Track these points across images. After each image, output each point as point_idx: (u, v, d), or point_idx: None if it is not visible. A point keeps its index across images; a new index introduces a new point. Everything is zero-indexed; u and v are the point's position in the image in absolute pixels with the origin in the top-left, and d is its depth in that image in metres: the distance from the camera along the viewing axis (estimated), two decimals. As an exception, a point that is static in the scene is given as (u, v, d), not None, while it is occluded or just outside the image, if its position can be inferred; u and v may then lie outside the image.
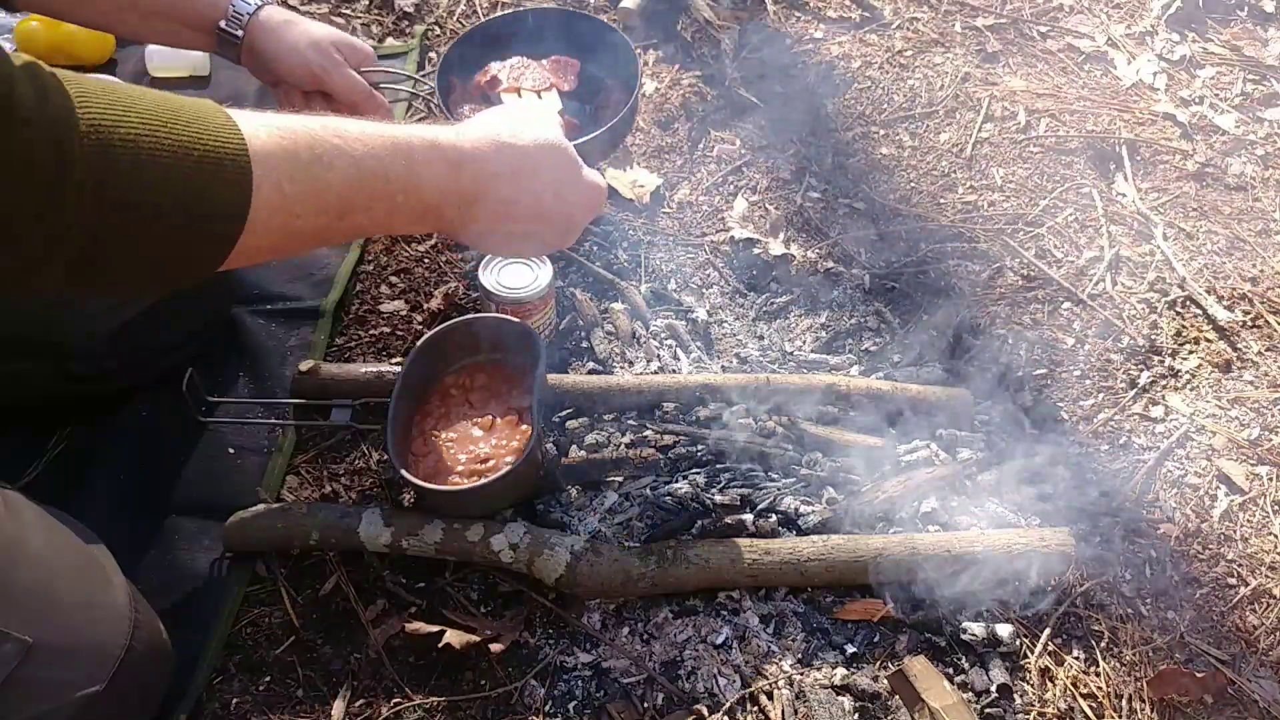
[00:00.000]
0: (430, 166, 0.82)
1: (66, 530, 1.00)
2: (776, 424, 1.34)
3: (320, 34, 1.27)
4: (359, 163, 0.76)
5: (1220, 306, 1.59)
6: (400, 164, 0.79)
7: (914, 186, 1.76)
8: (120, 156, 0.62)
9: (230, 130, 0.68)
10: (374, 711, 1.12)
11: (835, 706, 1.11)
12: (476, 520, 1.19)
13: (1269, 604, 1.27)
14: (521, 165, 0.89)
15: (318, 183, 0.73)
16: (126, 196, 0.63)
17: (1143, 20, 2.09)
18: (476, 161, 0.86)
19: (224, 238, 0.69)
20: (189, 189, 0.65)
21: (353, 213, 0.78)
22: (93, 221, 0.62)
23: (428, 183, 0.82)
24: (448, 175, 0.84)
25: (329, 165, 0.74)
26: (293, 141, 0.72)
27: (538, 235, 0.96)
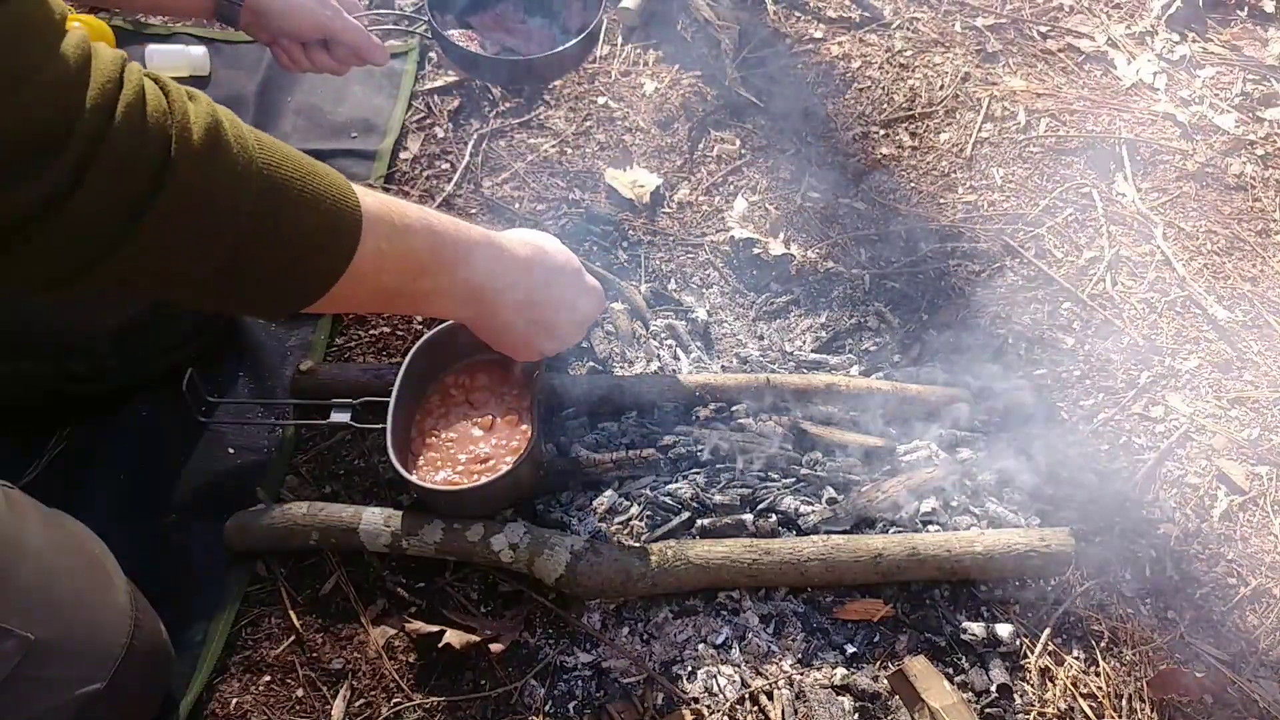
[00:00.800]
0: (482, 249, 0.98)
1: (67, 529, 1.00)
2: (776, 424, 1.34)
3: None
4: (435, 235, 0.91)
5: (1220, 306, 1.59)
6: (463, 242, 0.95)
7: (914, 186, 1.76)
8: (278, 191, 0.74)
9: (350, 190, 0.81)
10: (374, 711, 1.12)
11: (835, 706, 1.11)
12: (476, 520, 1.19)
13: (1269, 604, 1.27)
14: (547, 263, 1.07)
15: (404, 245, 0.87)
16: (277, 217, 0.74)
17: (1143, 20, 2.09)
18: (514, 255, 1.02)
19: (330, 273, 0.80)
20: (318, 229, 0.77)
21: (423, 277, 0.92)
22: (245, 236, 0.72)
23: (479, 262, 0.97)
24: (494, 259, 0.99)
25: (415, 233, 0.88)
26: (389, 209, 0.85)
27: (556, 328, 1.11)
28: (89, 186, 0.63)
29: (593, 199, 1.70)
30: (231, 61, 1.82)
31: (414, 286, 0.92)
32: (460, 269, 0.95)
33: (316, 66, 1.38)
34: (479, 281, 0.98)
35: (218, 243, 0.71)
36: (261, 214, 0.72)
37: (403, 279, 0.89)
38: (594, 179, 1.73)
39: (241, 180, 0.71)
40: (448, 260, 0.93)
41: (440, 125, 1.79)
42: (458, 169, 1.71)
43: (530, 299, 1.05)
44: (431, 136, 1.78)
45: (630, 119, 1.83)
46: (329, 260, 0.80)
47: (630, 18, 1.97)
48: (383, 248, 0.83)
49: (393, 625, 1.18)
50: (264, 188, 0.72)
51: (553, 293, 1.07)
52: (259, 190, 0.72)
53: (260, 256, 0.75)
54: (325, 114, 1.77)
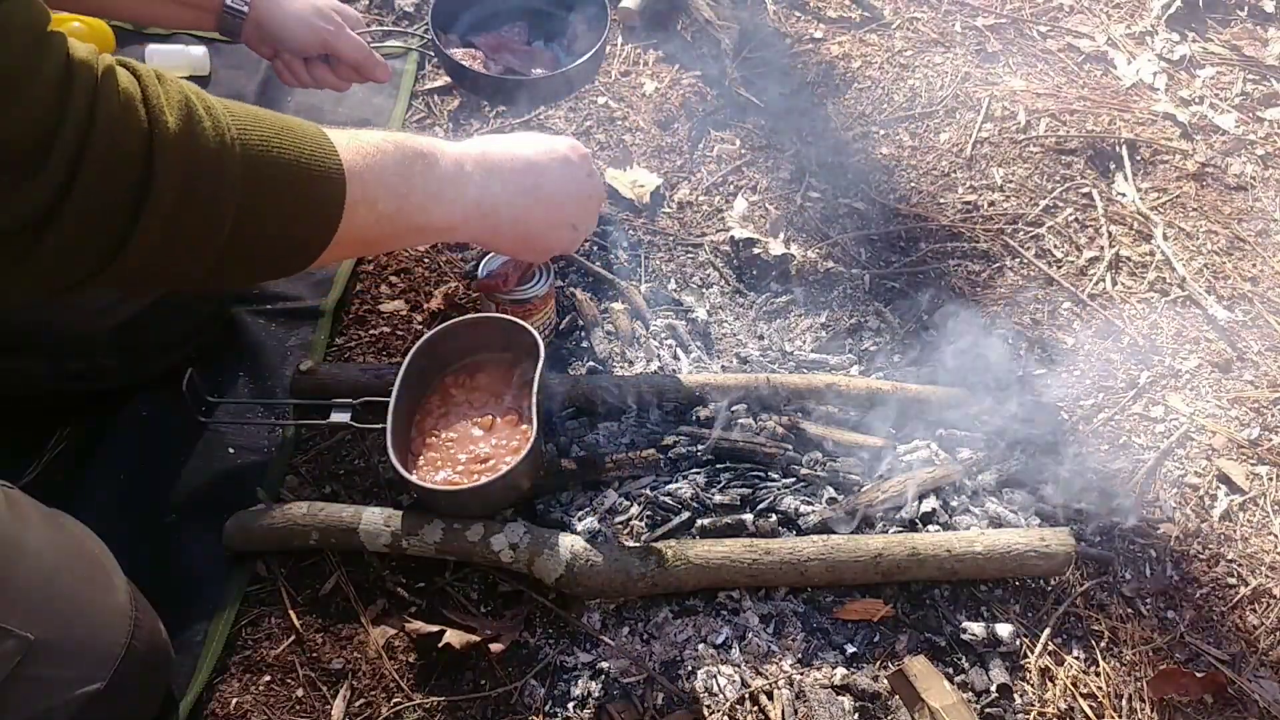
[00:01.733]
0: (451, 147, 0.96)
1: (67, 529, 1.00)
2: (776, 424, 1.34)
3: (320, 1, 1.35)
4: (406, 151, 0.90)
5: (1220, 306, 1.59)
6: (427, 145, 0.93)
7: (914, 186, 1.76)
8: (260, 158, 0.74)
9: (324, 136, 0.82)
10: (374, 711, 1.12)
11: (835, 706, 1.11)
12: (476, 520, 1.19)
13: (1269, 604, 1.27)
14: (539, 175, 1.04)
15: (383, 169, 0.87)
16: (266, 194, 0.75)
17: (1143, 20, 2.09)
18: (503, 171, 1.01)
19: (330, 227, 0.81)
20: (306, 188, 0.78)
21: (412, 188, 0.90)
22: (239, 215, 0.73)
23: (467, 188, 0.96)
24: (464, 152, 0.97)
25: (387, 154, 0.87)
26: (360, 144, 0.85)
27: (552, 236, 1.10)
28: (81, 190, 0.63)
29: (593, 199, 1.70)
30: (231, 61, 1.82)
31: (408, 219, 0.92)
32: (437, 170, 0.94)
33: (318, 82, 1.38)
34: (468, 206, 0.97)
35: (217, 219, 0.71)
36: (249, 180, 0.73)
37: (395, 201, 0.89)
38: (594, 179, 1.73)
39: (224, 153, 0.71)
40: (433, 190, 0.93)
41: (440, 125, 1.79)
42: (458, 169, 1.71)
43: (526, 210, 1.04)
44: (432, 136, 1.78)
45: (630, 119, 1.83)
46: (324, 214, 0.81)
47: (630, 18, 1.97)
48: (364, 178, 0.84)
49: (393, 625, 1.18)
50: (244, 155, 0.72)
51: (543, 204, 1.06)
52: (241, 158, 0.72)
53: (258, 223, 0.75)
54: (325, 114, 1.77)
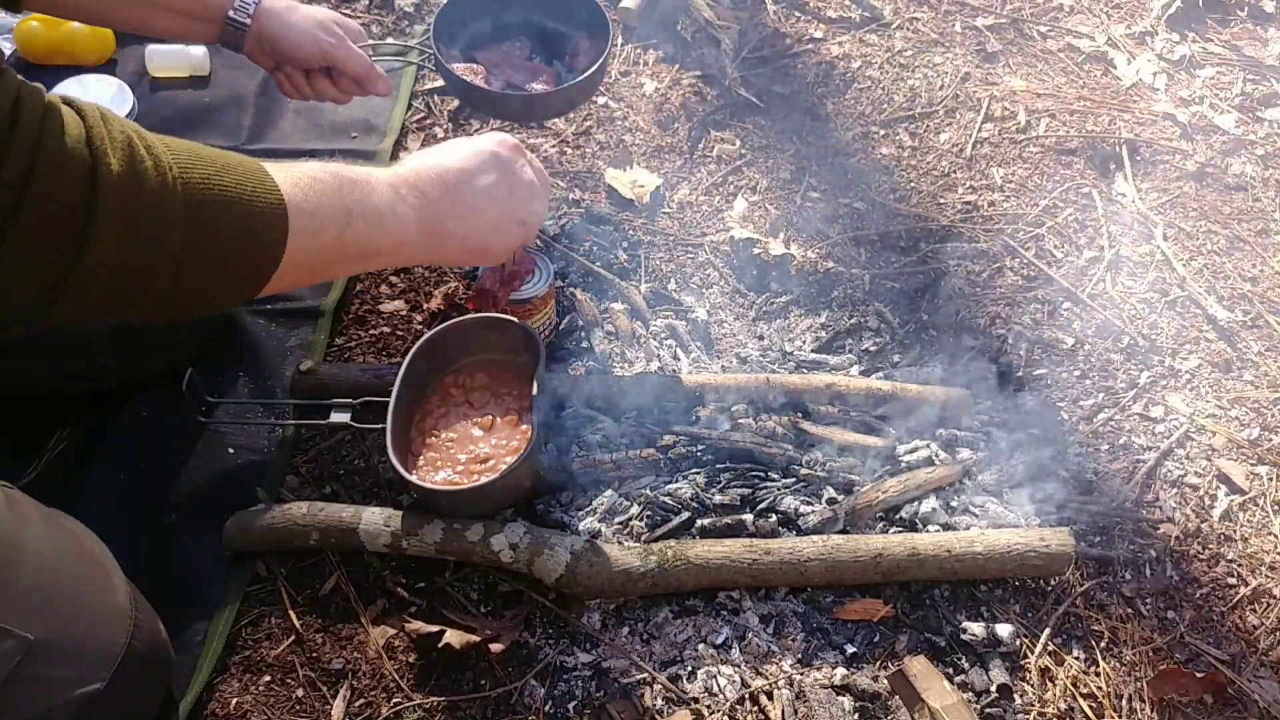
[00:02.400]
0: (384, 176, 0.96)
1: (67, 529, 1.00)
2: (776, 424, 1.34)
3: (322, 14, 1.34)
4: (343, 181, 0.90)
5: (1220, 306, 1.59)
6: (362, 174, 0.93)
7: (914, 186, 1.76)
8: (202, 196, 0.75)
9: (268, 176, 0.82)
10: (374, 711, 1.12)
11: (835, 706, 1.11)
12: (476, 520, 1.19)
13: (1269, 604, 1.27)
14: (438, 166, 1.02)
15: (322, 197, 0.87)
16: (207, 231, 0.76)
17: (1143, 20, 2.09)
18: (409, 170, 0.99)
19: (273, 259, 0.82)
20: (247, 222, 0.79)
21: (352, 216, 0.90)
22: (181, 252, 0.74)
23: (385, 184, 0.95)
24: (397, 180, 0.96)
25: (325, 183, 0.88)
26: (298, 174, 0.86)
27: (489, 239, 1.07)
28: (20, 231, 0.64)
29: (593, 199, 1.70)
30: (232, 61, 1.81)
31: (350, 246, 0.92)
32: (374, 198, 0.93)
33: (318, 94, 1.37)
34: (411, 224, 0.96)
35: (159, 258, 0.72)
36: (191, 218, 0.74)
37: (332, 233, 0.89)
38: (594, 179, 1.73)
39: (165, 193, 0.72)
40: (363, 198, 0.92)
41: (440, 125, 1.79)
42: (458, 169, 1.71)
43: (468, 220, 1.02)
44: (431, 137, 1.78)
45: (630, 119, 1.83)
46: (269, 244, 0.82)
47: (630, 18, 1.97)
48: (304, 208, 0.84)
49: (393, 625, 1.18)
50: (186, 194, 0.73)
51: (483, 202, 1.03)
52: (183, 197, 0.73)
53: (201, 259, 0.76)
54: (325, 114, 1.77)
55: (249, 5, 1.26)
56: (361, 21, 1.95)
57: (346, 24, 1.37)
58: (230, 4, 1.26)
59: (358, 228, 0.91)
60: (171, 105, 1.74)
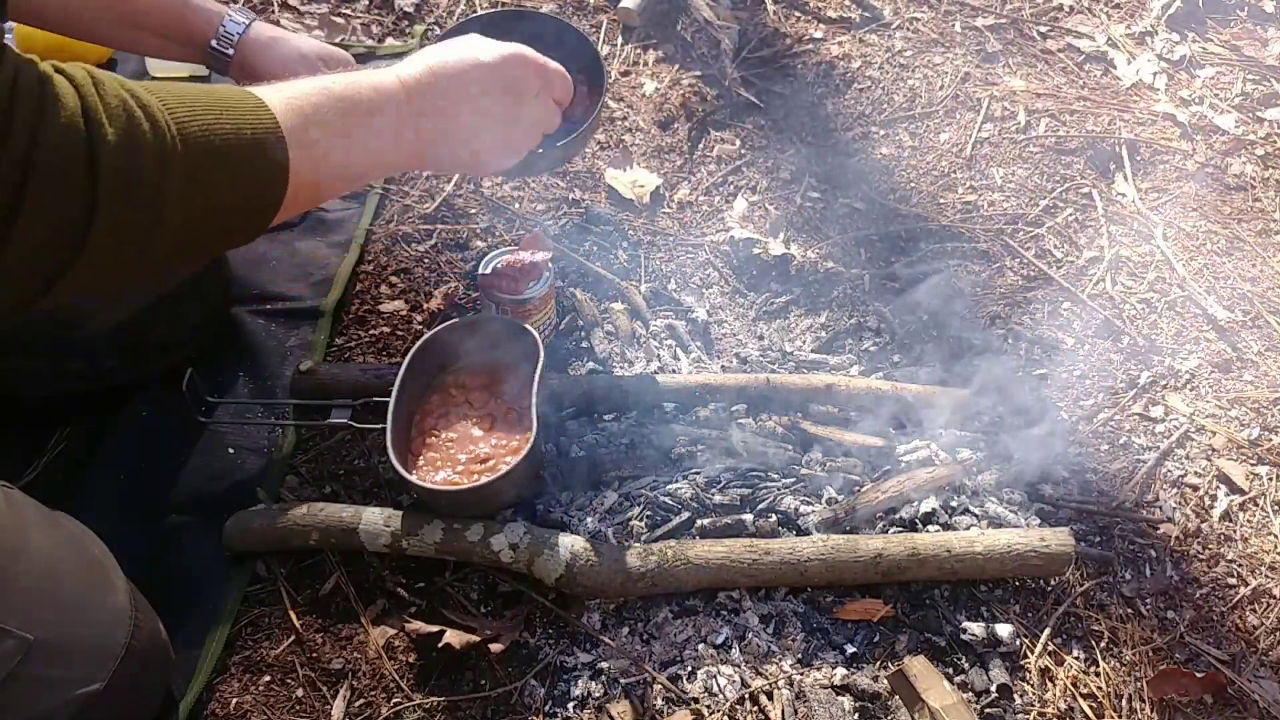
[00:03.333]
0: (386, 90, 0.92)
1: (67, 529, 1.00)
2: (776, 424, 1.34)
3: (307, 48, 1.32)
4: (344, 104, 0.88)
5: (1220, 306, 1.59)
6: (366, 94, 0.91)
7: (914, 186, 1.76)
8: (199, 144, 0.75)
9: (262, 107, 0.81)
10: (374, 711, 1.12)
11: (835, 706, 1.11)
12: (476, 520, 1.19)
13: (1269, 604, 1.27)
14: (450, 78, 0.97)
15: (322, 126, 0.86)
16: (209, 178, 0.76)
17: (1143, 20, 2.09)
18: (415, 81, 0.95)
19: (276, 196, 0.83)
20: (248, 164, 0.79)
21: (353, 142, 0.90)
22: (185, 204, 0.74)
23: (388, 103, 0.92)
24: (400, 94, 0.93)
25: (324, 110, 0.86)
26: (298, 102, 0.85)
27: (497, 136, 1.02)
28: (29, 209, 0.65)
29: (593, 199, 1.70)
30: (231, 61, 1.82)
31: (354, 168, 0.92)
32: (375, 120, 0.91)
33: None
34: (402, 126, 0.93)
35: (165, 217, 0.73)
36: (192, 172, 0.74)
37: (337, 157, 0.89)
38: (594, 179, 1.73)
39: (165, 152, 0.72)
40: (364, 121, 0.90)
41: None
42: (458, 169, 1.71)
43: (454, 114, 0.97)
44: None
45: (630, 119, 1.83)
46: (270, 186, 0.82)
47: (630, 18, 1.97)
48: (304, 139, 0.84)
49: (393, 625, 1.18)
50: (186, 150, 0.73)
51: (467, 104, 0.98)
52: (184, 155, 0.73)
53: (207, 209, 0.77)
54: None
55: (231, 37, 1.26)
56: (361, 21, 1.95)
57: (330, 56, 1.35)
58: (214, 34, 1.26)
59: (359, 151, 0.90)
60: (171, 105, 1.74)
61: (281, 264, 1.54)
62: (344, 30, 1.93)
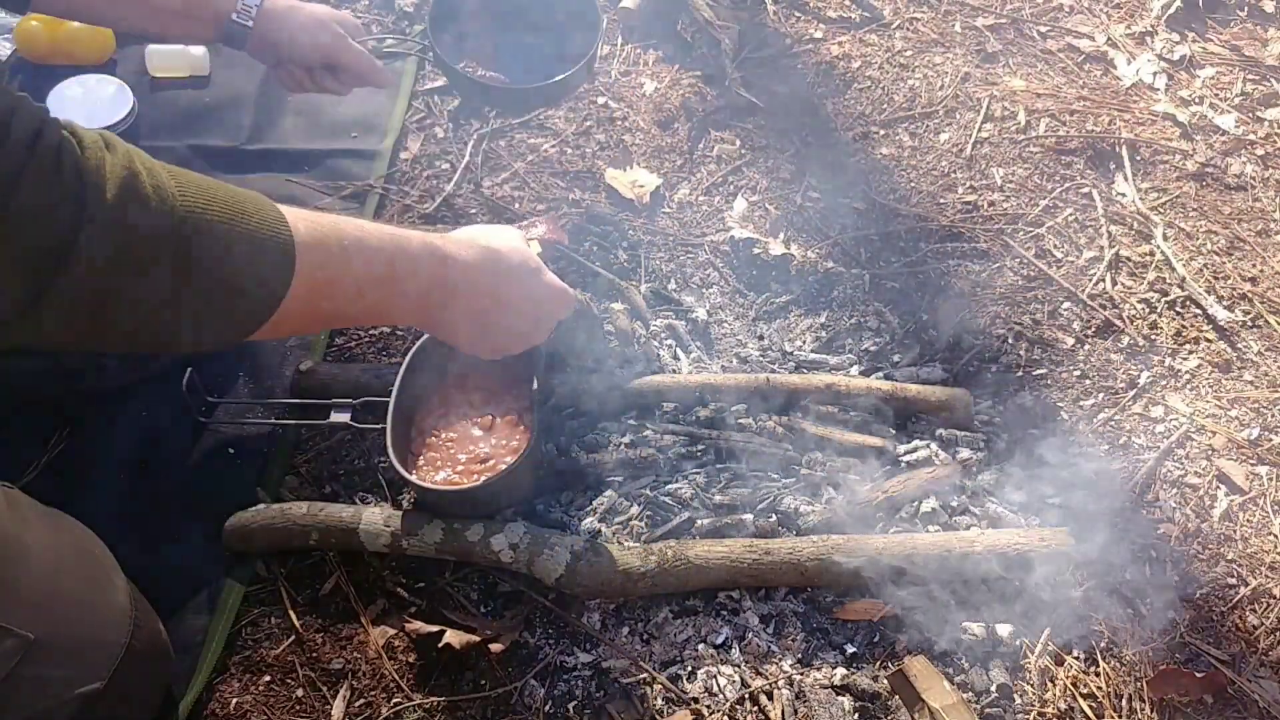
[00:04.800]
0: (423, 261, 0.94)
1: (67, 529, 1.00)
2: (776, 424, 1.34)
3: (322, 13, 1.35)
4: (373, 254, 0.89)
5: (1220, 306, 1.59)
6: (402, 257, 0.92)
7: (914, 186, 1.76)
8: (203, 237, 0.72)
9: (283, 222, 0.79)
10: (374, 711, 1.12)
11: (835, 706, 1.11)
12: (476, 520, 1.19)
13: (1269, 604, 1.27)
14: (497, 267, 1.02)
15: (342, 269, 0.85)
16: (202, 269, 0.73)
17: (1143, 20, 2.09)
18: (460, 260, 0.98)
19: (268, 308, 0.80)
20: (250, 267, 0.77)
21: (361, 299, 0.90)
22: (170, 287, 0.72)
23: (422, 273, 0.94)
24: (437, 269, 0.96)
25: (352, 255, 0.86)
26: (324, 234, 0.84)
27: (514, 329, 1.08)
28: None
29: (593, 199, 1.70)
30: (231, 61, 1.81)
31: (354, 307, 0.92)
32: (401, 284, 0.93)
33: (320, 88, 1.38)
34: (422, 292, 0.96)
35: (141, 293, 0.70)
36: (184, 260, 0.71)
37: (341, 302, 0.89)
38: (594, 179, 1.73)
39: (159, 231, 0.69)
40: (386, 278, 0.91)
41: (440, 125, 1.79)
42: (457, 169, 1.71)
43: (478, 304, 1.02)
44: (431, 136, 1.78)
45: (630, 119, 1.83)
46: (262, 296, 0.79)
47: (630, 18, 1.97)
48: (318, 276, 0.82)
49: (393, 625, 1.18)
50: (184, 235, 0.71)
51: (504, 295, 1.04)
52: (178, 240, 0.71)
53: (186, 301, 0.73)
54: (325, 113, 1.77)
55: (251, 9, 1.27)
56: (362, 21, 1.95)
57: (345, 20, 1.38)
58: (233, 7, 1.27)
59: (367, 304, 0.90)
60: (171, 105, 1.74)
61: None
62: (344, 30, 1.93)
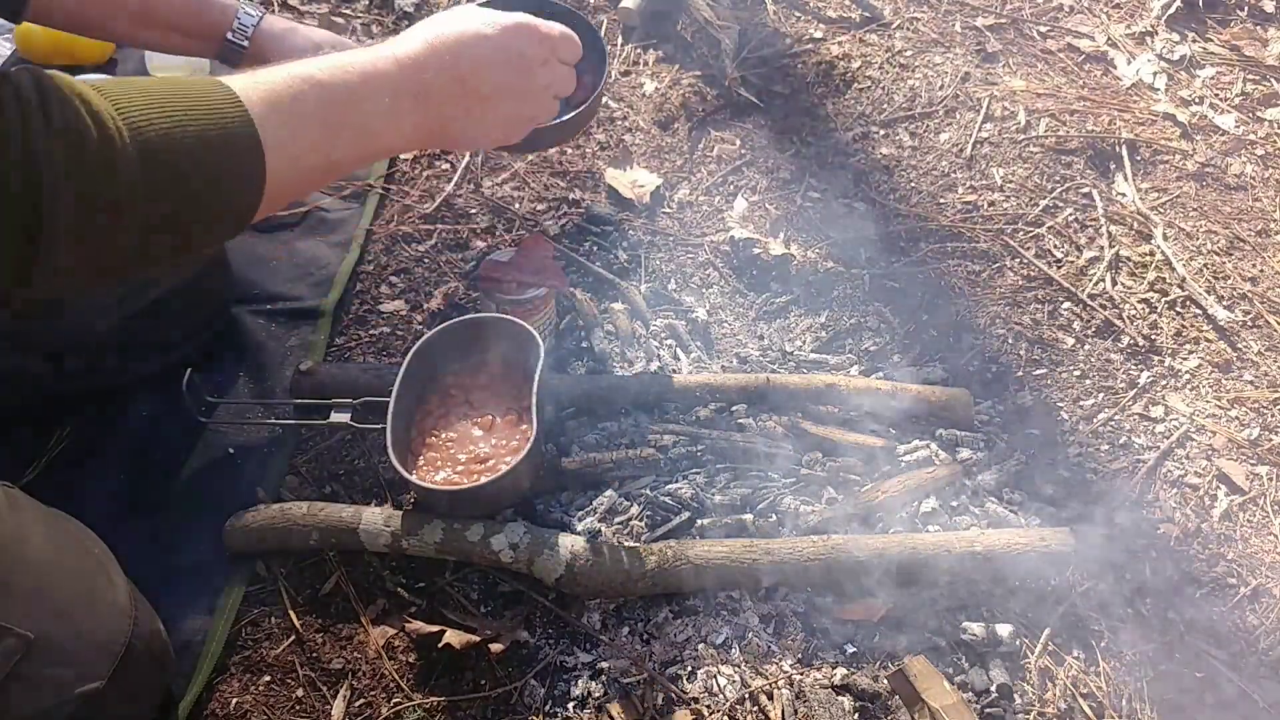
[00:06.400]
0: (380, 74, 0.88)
1: (68, 528, 1.00)
2: (776, 424, 1.34)
3: (320, 39, 1.33)
4: (329, 94, 0.84)
5: (1220, 306, 1.59)
6: (355, 80, 0.87)
7: (914, 186, 1.76)
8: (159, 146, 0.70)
9: (234, 102, 0.76)
10: (374, 711, 1.12)
11: (835, 706, 1.11)
12: (476, 520, 1.19)
13: (1269, 604, 1.27)
14: (445, 52, 0.93)
15: (303, 120, 0.82)
16: (170, 183, 0.72)
17: (1143, 20, 2.09)
18: (411, 59, 0.91)
19: (252, 197, 0.79)
20: (216, 166, 0.75)
21: (340, 135, 0.86)
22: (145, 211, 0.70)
23: (382, 88, 0.89)
24: (397, 76, 0.90)
25: (306, 102, 0.82)
26: (276, 94, 0.80)
27: (504, 112, 1.00)
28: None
29: (593, 199, 1.70)
30: (231, 61, 1.82)
31: (340, 146, 0.87)
32: (366, 105, 0.87)
33: None
34: (394, 109, 0.90)
35: (122, 224, 0.70)
36: (152, 177, 0.70)
37: (320, 151, 0.85)
38: (594, 179, 1.73)
39: (117, 162, 0.68)
40: (351, 111, 0.86)
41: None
42: (457, 169, 1.71)
43: (453, 94, 0.94)
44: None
45: (630, 119, 1.83)
46: (244, 188, 0.78)
47: (630, 18, 1.97)
48: (282, 135, 0.79)
49: (393, 625, 1.18)
50: (144, 157, 0.69)
51: (470, 77, 0.95)
52: (141, 160, 0.69)
53: (173, 212, 0.73)
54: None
55: (246, 29, 1.27)
56: (361, 21, 1.96)
57: (344, 48, 1.29)
58: (229, 26, 1.26)
59: (344, 145, 0.86)
60: (171, 105, 1.74)
61: (281, 264, 1.54)
62: (344, 30, 1.93)
